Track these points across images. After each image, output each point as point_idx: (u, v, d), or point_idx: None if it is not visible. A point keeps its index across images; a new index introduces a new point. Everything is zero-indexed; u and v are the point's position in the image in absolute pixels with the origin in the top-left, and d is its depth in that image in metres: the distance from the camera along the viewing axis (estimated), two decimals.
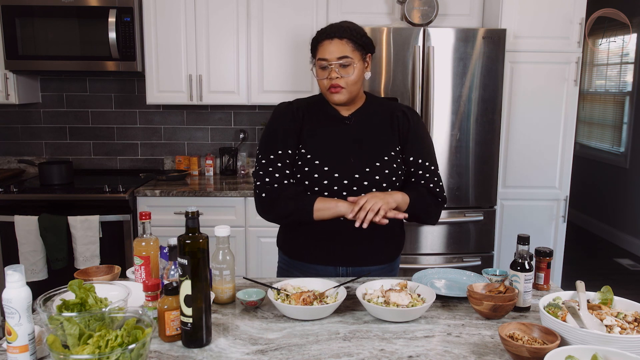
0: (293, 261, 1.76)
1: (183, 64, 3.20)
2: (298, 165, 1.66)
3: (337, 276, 1.70)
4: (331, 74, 1.59)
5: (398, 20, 3.16)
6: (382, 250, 1.74)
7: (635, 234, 4.99)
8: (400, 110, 1.72)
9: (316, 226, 1.64)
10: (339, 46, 1.59)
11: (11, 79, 3.19)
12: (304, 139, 1.67)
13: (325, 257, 1.70)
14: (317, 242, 1.69)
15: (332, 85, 1.60)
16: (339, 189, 1.62)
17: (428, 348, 1.23)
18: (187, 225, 1.22)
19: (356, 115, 1.70)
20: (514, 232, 3.13)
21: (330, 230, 1.65)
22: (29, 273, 2.86)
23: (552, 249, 1.59)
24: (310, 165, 1.64)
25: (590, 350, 1.06)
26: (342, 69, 1.59)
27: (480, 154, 2.99)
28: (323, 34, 1.61)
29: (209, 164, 3.50)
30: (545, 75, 3.07)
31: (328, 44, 1.59)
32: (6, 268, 1.06)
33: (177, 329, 1.23)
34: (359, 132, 1.68)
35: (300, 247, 1.73)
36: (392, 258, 1.78)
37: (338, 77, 1.59)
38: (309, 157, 1.65)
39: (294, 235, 1.74)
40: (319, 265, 1.71)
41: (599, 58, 5.56)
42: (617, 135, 5.27)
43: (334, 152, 1.65)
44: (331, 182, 1.62)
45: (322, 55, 1.60)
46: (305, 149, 1.66)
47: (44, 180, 3.15)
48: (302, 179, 1.64)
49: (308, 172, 1.63)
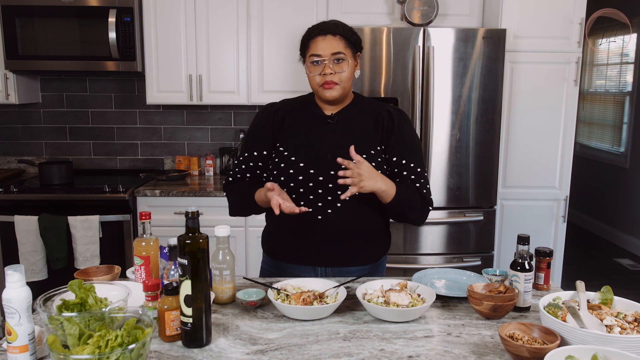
0: (273, 261, 1.76)
1: (183, 64, 3.20)
2: (275, 163, 1.66)
3: (315, 276, 1.69)
4: (325, 69, 1.58)
5: (398, 20, 3.16)
6: (363, 251, 1.71)
7: (635, 234, 4.99)
8: (386, 111, 1.70)
9: (295, 226, 1.64)
10: (333, 42, 1.58)
11: (11, 79, 3.19)
12: (283, 137, 1.68)
13: (304, 257, 1.69)
14: (295, 242, 1.68)
15: (326, 81, 1.59)
16: (314, 185, 1.62)
17: (428, 348, 1.23)
18: (187, 225, 1.22)
19: (340, 114, 1.69)
20: (514, 232, 3.13)
21: (309, 230, 1.64)
22: (29, 273, 2.86)
23: (552, 249, 1.59)
24: (287, 161, 1.64)
25: (590, 350, 1.06)
26: (335, 65, 1.59)
27: (480, 154, 2.99)
28: (315, 30, 1.61)
29: (209, 164, 3.51)
30: (545, 75, 3.07)
31: (321, 40, 1.59)
32: (6, 268, 1.06)
33: (177, 329, 1.23)
34: (341, 130, 1.67)
35: (280, 246, 1.74)
36: (375, 259, 1.75)
37: (332, 73, 1.58)
38: (285, 154, 1.65)
39: (274, 236, 1.75)
40: (298, 265, 1.70)
41: (599, 58, 5.56)
42: (617, 135, 5.27)
43: (311, 149, 1.65)
44: (306, 178, 1.61)
45: (315, 51, 1.59)
46: (284, 147, 1.66)
47: (44, 180, 3.15)
48: (278, 175, 1.64)
49: (284, 169, 1.63)
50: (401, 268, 3.00)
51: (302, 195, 1.63)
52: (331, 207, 1.62)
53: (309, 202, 1.62)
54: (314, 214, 1.62)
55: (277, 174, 1.65)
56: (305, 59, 1.65)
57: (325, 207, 1.62)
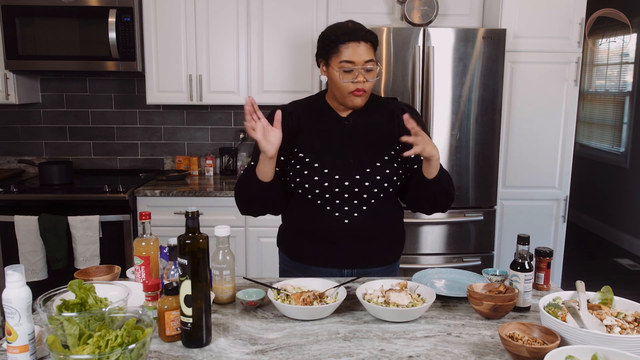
0: (295, 262, 1.75)
1: (183, 64, 3.20)
2: (296, 169, 1.63)
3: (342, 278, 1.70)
4: (358, 77, 1.56)
5: (398, 20, 3.16)
6: (387, 252, 1.74)
7: (635, 234, 4.99)
8: (399, 109, 1.70)
9: (323, 231, 1.64)
10: (366, 50, 1.56)
11: (11, 79, 3.19)
12: (300, 141, 1.66)
13: (332, 260, 1.68)
14: (323, 246, 1.67)
15: (358, 89, 1.57)
16: (340, 191, 1.61)
17: (428, 348, 1.23)
18: (187, 225, 1.22)
19: (354, 115, 1.68)
20: (514, 232, 3.14)
21: (337, 234, 1.64)
22: (29, 273, 2.86)
23: (552, 249, 1.59)
24: (310, 168, 1.62)
25: (590, 350, 1.06)
26: (366, 73, 1.57)
27: (480, 154, 2.99)
28: (347, 35, 1.55)
29: (209, 164, 3.51)
30: (545, 75, 3.07)
31: (356, 47, 1.55)
32: (6, 268, 1.06)
33: (177, 329, 1.23)
34: (358, 132, 1.67)
35: (303, 249, 1.72)
36: (395, 258, 1.79)
37: (365, 81, 1.57)
38: (307, 161, 1.63)
39: (297, 237, 1.73)
40: (324, 268, 1.70)
41: (599, 58, 5.56)
42: (617, 135, 5.27)
43: (333, 154, 1.64)
44: (331, 184, 1.61)
45: (350, 58, 1.55)
46: (303, 152, 1.64)
47: (44, 180, 3.15)
48: (301, 182, 1.62)
49: (308, 175, 1.61)
50: (401, 268, 2.97)
51: (329, 201, 1.62)
52: (358, 211, 1.63)
53: (336, 207, 1.62)
54: (341, 217, 1.62)
55: (301, 181, 1.62)
56: (328, 63, 1.59)
57: (352, 210, 1.63)
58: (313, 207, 1.64)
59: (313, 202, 1.64)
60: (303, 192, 1.63)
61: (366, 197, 1.62)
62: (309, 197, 1.63)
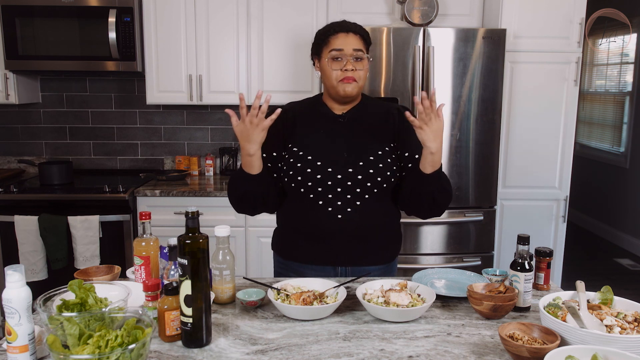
0: (288, 262, 1.75)
1: (183, 64, 3.20)
2: (290, 163, 1.65)
3: (336, 276, 1.70)
4: (347, 65, 1.61)
5: (398, 20, 3.16)
6: (382, 250, 1.73)
7: (635, 234, 4.99)
8: (395, 108, 1.73)
9: (315, 227, 1.64)
10: (355, 39, 1.62)
11: (11, 79, 3.19)
12: (295, 137, 1.68)
13: (325, 258, 1.69)
14: (315, 243, 1.67)
15: (346, 77, 1.61)
16: (332, 184, 1.62)
17: (428, 348, 1.23)
18: (187, 225, 1.22)
19: (350, 113, 1.70)
20: (514, 232, 3.13)
21: (330, 230, 1.64)
22: (29, 273, 2.86)
23: (552, 249, 1.59)
24: (303, 161, 1.64)
25: (590, 350, 1.06)
26: (356, 62, 1.62)
27: (480, 154, 2.99)
28: (336, 27, 1.64)
29: (209, 164, 3.51)
30: (545, 75, 3.07)
31: (344, 37, 1.62)
32: (6, 268, 1.06)
33: (177, 329, 1.23)
34: (353, 128, 1.69)
35: (296, 247, 1.72)
36: (392, 257, 1.78)
37: (353, 70, 1.61)
38: (301, 154, 1.65)
39: (291, 238, 1.73)
40: (317, 266, 1.70)
41: (599, 58, 5.56)
42: (617, 135, 5.27)
43: (327, 148, 1.65)
44: (325, 176, 1.62)
45: (338, 46, 1.61)
46: (297, 147, 1.66)
47: (44, 180, 3.15)
48: (294, 175, 1.64)
49: (300, 168, 1.63)
50: (401, 268, 3.00)
51: (321, 195, 1.63)
52: (351, 206, 1.63)
53: (328, 201, 1.63)
54: (334, 213, 1.63)
55: (294, 174, 1.63)
56: (320, 56, 1.66)
57: (345, 205, 1.63)
58: (306, 202, 1.65)
59: (306, 197, 1.64)
60: (296, 186, 1.64)
61: (359, 192, 1.63)
62: (301, 190, 1.64)
